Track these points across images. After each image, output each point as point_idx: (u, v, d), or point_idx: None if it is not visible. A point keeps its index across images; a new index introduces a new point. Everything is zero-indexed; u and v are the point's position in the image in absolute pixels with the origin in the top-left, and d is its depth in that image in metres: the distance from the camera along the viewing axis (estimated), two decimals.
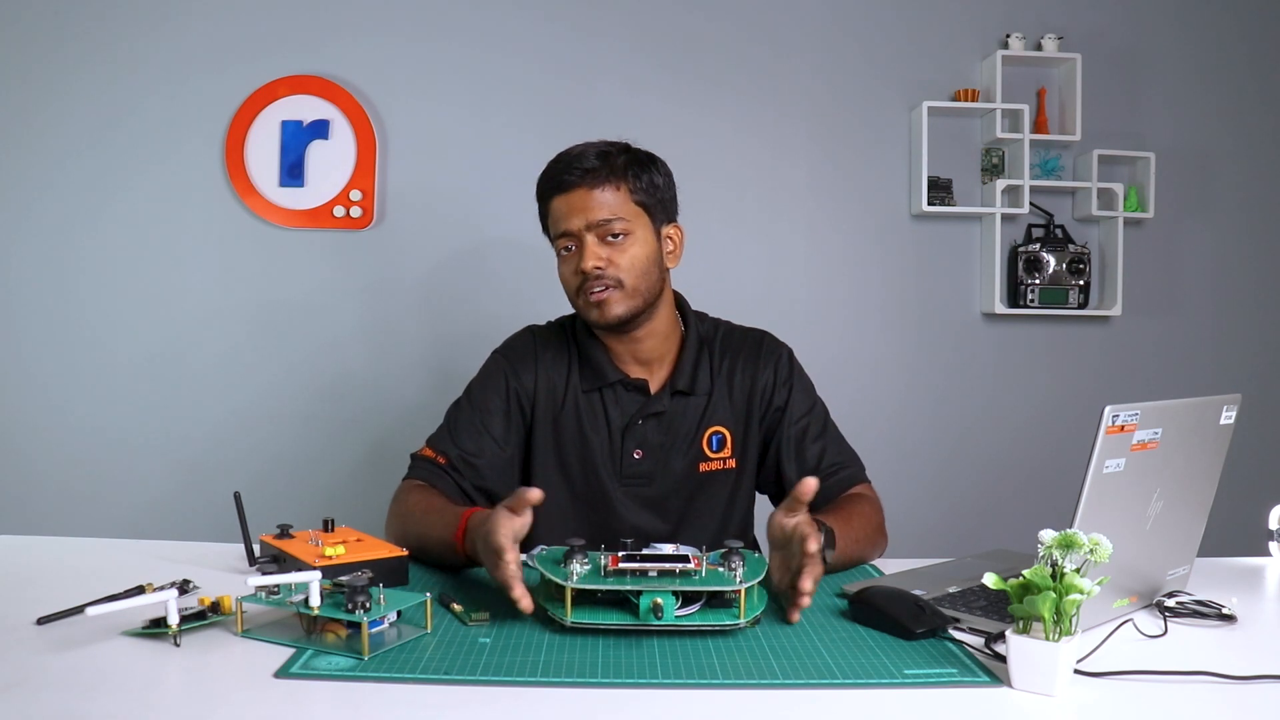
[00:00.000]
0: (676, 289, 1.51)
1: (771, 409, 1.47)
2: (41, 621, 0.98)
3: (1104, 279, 2.76)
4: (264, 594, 0.96)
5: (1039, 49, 2.70)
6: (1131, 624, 1.01)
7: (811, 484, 1.04)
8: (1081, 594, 0.82)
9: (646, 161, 1.41)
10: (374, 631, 0.94)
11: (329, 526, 1.23)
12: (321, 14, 2.61)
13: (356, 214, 2.59)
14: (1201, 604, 1.08)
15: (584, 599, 0.99)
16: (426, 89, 2.63)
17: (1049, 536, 0.86)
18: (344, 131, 2.59)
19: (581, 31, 2.66)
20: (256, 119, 2.58)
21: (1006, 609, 0.89)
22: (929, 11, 2.74)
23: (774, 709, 0.81)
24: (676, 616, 0.95)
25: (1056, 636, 0.82)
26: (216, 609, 0.99)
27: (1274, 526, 1.36)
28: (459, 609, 1.03)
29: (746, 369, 1.47)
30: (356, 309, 2.64)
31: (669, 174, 1.44)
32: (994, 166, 2.77)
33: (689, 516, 1.46)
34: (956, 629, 1.00)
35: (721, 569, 1.02)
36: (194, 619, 0.96)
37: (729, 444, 1.46)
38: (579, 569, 1.00)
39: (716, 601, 1.00)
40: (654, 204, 1.40)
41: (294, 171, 2.59)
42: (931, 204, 2.68)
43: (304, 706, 0.79)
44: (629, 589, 0.96)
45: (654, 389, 1.45)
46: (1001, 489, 2.77)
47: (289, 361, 2.62)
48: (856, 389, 2.68)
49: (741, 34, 2.70)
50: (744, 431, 1.47)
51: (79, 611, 0.99)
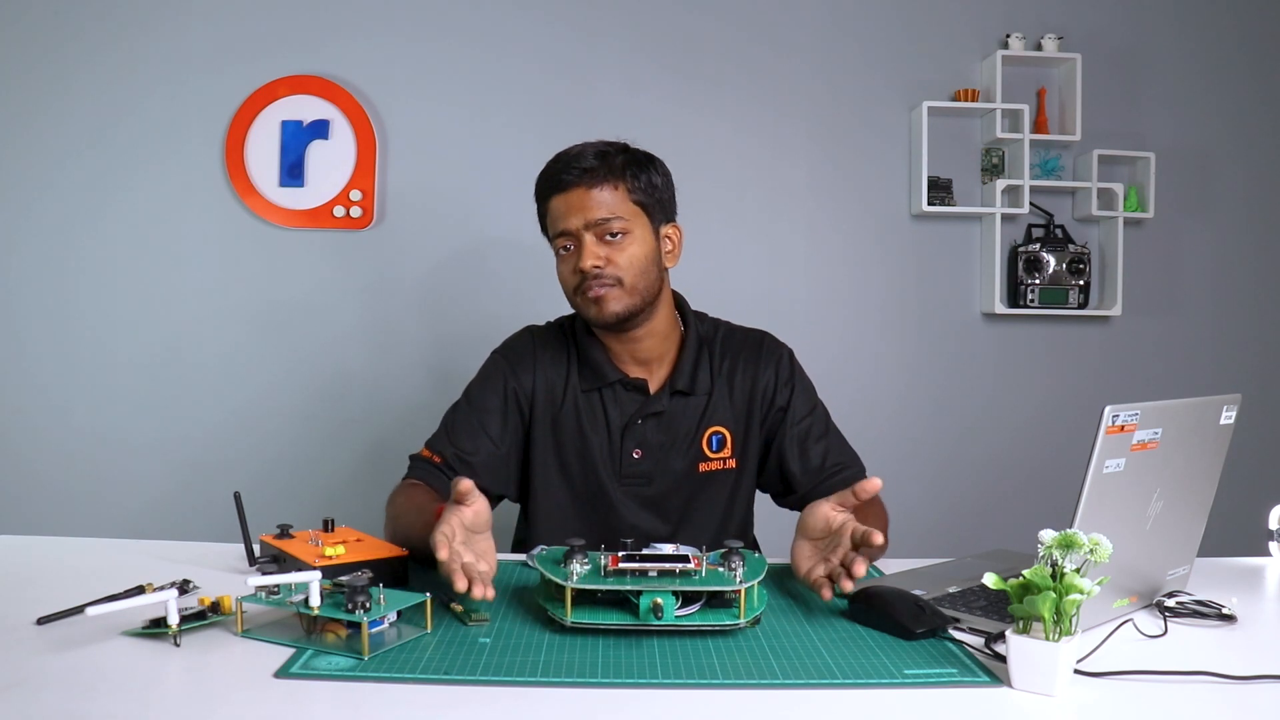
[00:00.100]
0: (676, 289, 1.51)
1: (773, 409, 1.47)
2: (41, 621, 0.98)
3: (1104, 279, 2.76)
4: (264, 594, 0.96)
5: (1039, 49, 2.70)
6: (1131, 624, 1.01)
7: (877, 484, 1.09)
8: (1081, 594, 0.82)
9: (645, 161, 1.41)
10: (374, 631, 0.94)
11: (329, 526, 1.23)
12: (321, 14, 2.61)
13: (356, 214, 2.59)
14: (1201, 604, 1.08)
15: (584, 599, 0.99)
16: (426, 89, 2.63)
17: (1049, 536, 0.86)
18: (344, 131, 2.59)
19: (581, 31, 2.66)
20: (256, 119, 2.58)
21: (1006, 609, 0.89)
22: (929, 11, 2.74)
23: (774, 709, 0.81)
24: (676, 616, 0.95)
25: (1056, 636, 0.82)
26: (216, 609, 0.99)
27: (1274, 526, 1.36)
28: (459, 609, 1.03)
29: (747, 369, 1.47)
30: (356, 309, 2.64)
31: (667, 174, 1.44)
32: (994, 166, 2.77)
33: (689, 516, 1.46)
34: (956, 629, 1.00)
35: (721, 569, 1.02)
36: (194, 619, 0.96)
37: (729, 444, 1.46)
38: (579, 569, 1.00)
39: (716, 601, 1.00)
40: (652, 203, 1.40)
41: (294, 171, 2.59)
42: (931, 204, 2.68)
43: (304, 706, 0.79)
44: (629, 589, 0.96)
45: (653, 389, 1.45)
46: (1001, 489, 2.77)
47: (289, 361, 2.62)
48: (856, 389, 2.68)
49: (741, 34, 2.70)
50: (744, 432, 1.47)
51: (79, 611, 0.99)
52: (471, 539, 1.06)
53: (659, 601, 0.94)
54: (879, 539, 1.03)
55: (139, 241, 2.59)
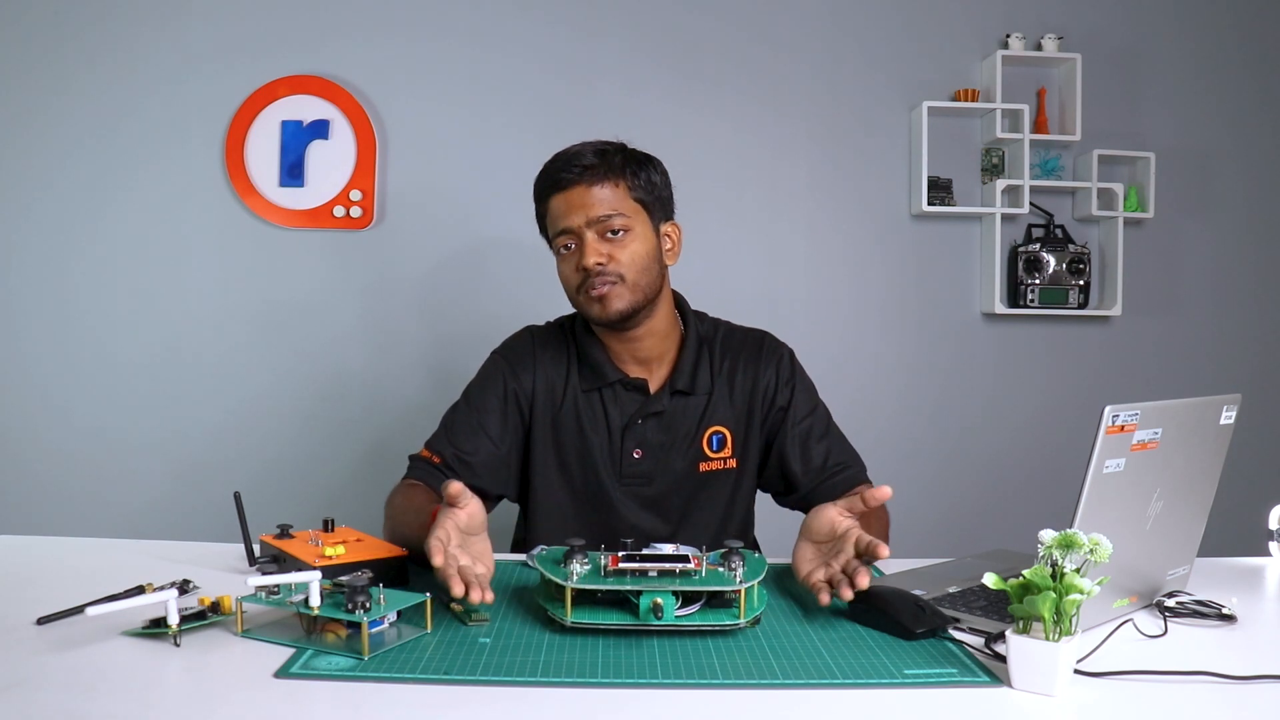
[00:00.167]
0: (676, 289, 1.51)
1: (774, 409, 1.47)
2: (41, 621, 0.98)
3: (1104, 279, 2.76)
4: (264, 594, 0.96)
5: (1039, 49, 2.70)
6: (1131, 624, 1.01)
7: (887, 491, 1.09)
8: (1081, 594, 0.82)
9: (643, 159, 1.41)
10: (374, 631, 0.94)
11: (329, 526, 1.23)
12: (321, 14, 2.61)
13: (356, 214, 2.59)
14: (1201, 604, 1.08)
15: (584, 599, 0.99)
16: (426, 89, 2.63)
17: (1049, 536, 0.86)
18: (344, 131, 2.59)
19: (581, 31, 2.66)
20: (256, 119, 2.58)
21: (1006, 609, 0.89)
22: (929, 11, 2.74)
23: (774, 709, 0.81)
24: (676, 616, 0.95)
25: (1056, 636, 0.82)
26: (216, 609, 0.99)
27: (1274, 526, 1.36)
28: (459, 609, 1.03)
29: (748, 369, 1.47)
30: (356, 309, 2.64)
31: (665, 172, 1.44)
32: (994, 166, 2.77)
33: (689, 516, 1.46)
34: (956, 629, 1.00)
35: (721, 569, 1.02)
36: (194, 619, 0.96)
37: (729, 444, 1.46)
38: (579, 569, 1.00)
39: (716, 601, 1.00)
40: (652, 201, 1.40)
41: (294, 171, 2.59)
42: (931, 204, 2.68)
43: (304, 706, 0.79)
44: (629, 589, 0.96)
45: (653, 388, 1.45)
46: (1001, 489, 2.77)
47: (289, 361, 2.62)
48: (856, 389, 2.68)
49: (741, 34, 2.70)
50: (745, 431, 1.47)
51: (79, 611, 0.99)
52: (467, 541, 1.06)
53: (659, 601, 0.94)
54: (885, 551, 1.02)
55: (139, 241, 2.59)
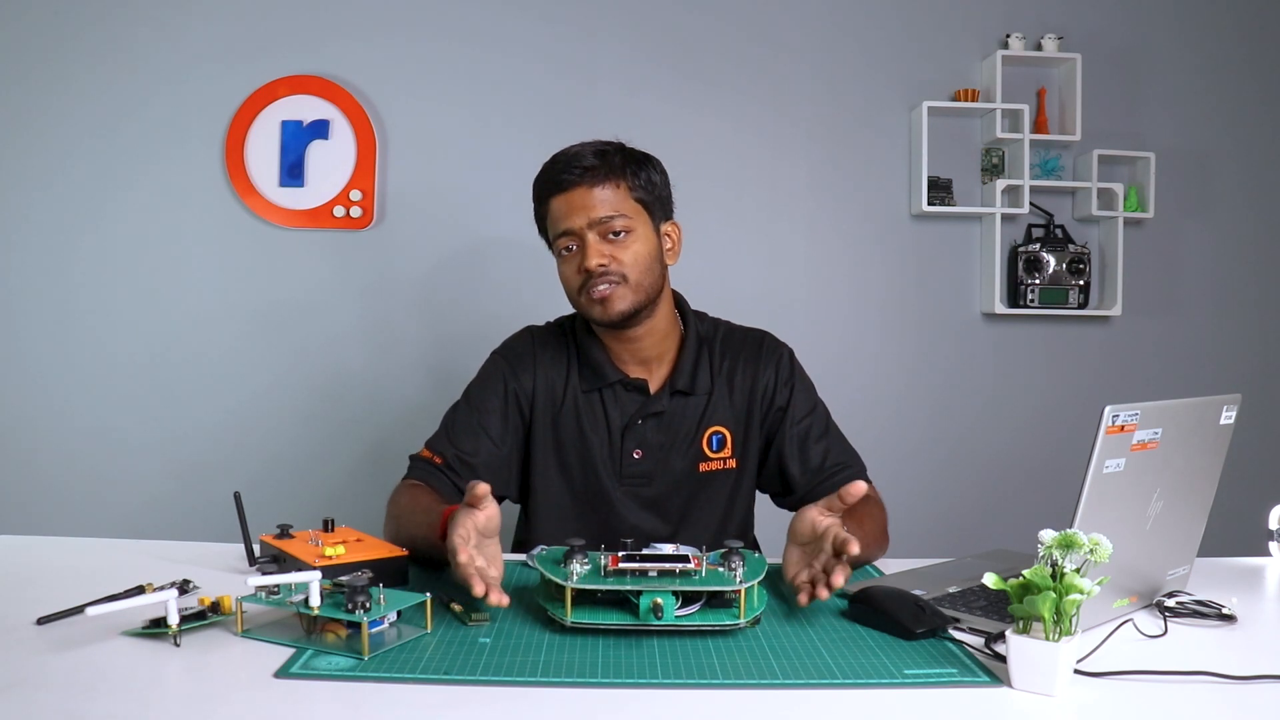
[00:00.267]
0: (675, 288, 1.51)
1: (773, 409, 1.47)
2: (41, 621, 0.98)
3: (1104, 279, 2.76)
4: (264, 594, 0.96)
5: (1039, 49, 2.70)
6: (1131, 624, 1.01)
7: (861, 488, 1.06)
8: (1081, 594, 0.82)
9: (643, 159, 1.41)
10: (374, 631, 0.94)
11: (329, 526, 1.23)
12: (321, 14, 2.61)
13: (356, 214, 2.59)
14: (1201, 604, 1.08)
15: (584, 599, 0.99)
16: (426, 89, 2.63)
17: (1049, 536, 0.86)
18: (344, 131, 2.59)
19: (581, 31, 2.66)
20: (256, 119, 2.58)
21: (1006, 609, 0.89)
22: (929, 11, 2.74)
23: (774, 709, 0.81)
24: (676, 616, 0.95)
25: (1056, 636, 0.82)
26: (216, 609, 0.99)
27: (1274, 526, 1.36)
28: (459, 609, 1.03)
29: (747, 369, 1.47)
30: (356, 309, 2.64)
31: (664, 172, 1.44)
32: (994, 166, 2.77)
33: (689, 516, 1.46)
34: (956, 629, 1.00)
35: (721, 569, 1.02)
36: (194, 619, 0.96)
37: (729, 444, 1.46)
38: (579, 569, 1.00)
39: (716, 601, 1.00)
40: (652, 201, 1.40)
41: (294, 171, 2.59)
42: (931, 204, 2.68)
43: (304, 706, 0.79)
44: (629, 589, 0.96)
45: (654, 389, 1.45)
46: (1001, 489, 2.77)
47: (289, 361, 2.62)
48: (856, 389, 2.68)
49: (741, 34, 2.70)
50: (744, 431, 1.47)
51: (79, 611, 0.99)
52: (482, 543, 1.06)
53: (659, 601, 0.94)
54: (855, 548, 1.01)
55: (139, 241, 2.59)
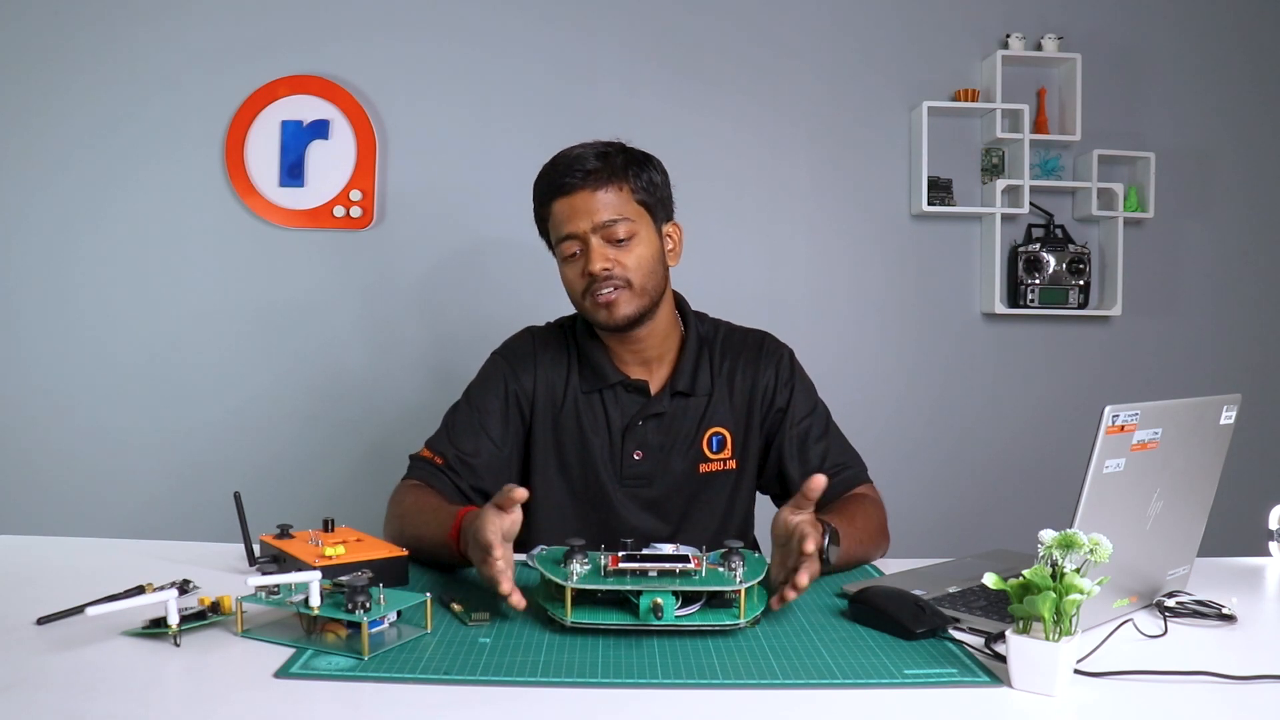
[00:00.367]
0: (676, 289, 1.51)
1: (773, 410, 1.47)
2: (41, 621, 0.98)
3: (1104, 279, 2.76)
4: (264, 594, 0.96)
5: (1039, 49, 2.70)
6: (1131, 624, 1.01)
7: (820, 481, 1.05)
8: (1081, 594, 0.82)
9: (644, 160, 1.41)
10: (374, 631, 0.94)
11: (329, 526, 1.23)
12: (321, 14, 2.61)
13: (356, 214, 2.59)
14: (1201, 604, 1.08)
15: (584, 599, 0.99)
16: (426, 89, 2.63)
17: (1049, 536, 0.86)
18: (344, 131, 2.59)
19: (581, 31, 2.66)
20: (256, 119, 2.58)
21: (1006, 609, 0.89)
22: (929, 11, 2.74)
23: (774, 709, 0.81)
24: (676, 616, 0.95)
25: (1056, 636, 0.82)
26: (216, 609, 0.99)
27: (1274, 526, 1.36)
28: (459, 609, 1.03)
29: (747, 370, 1.47)
30: (356, 309, 2.64)
31: (664, 172, 1.44)
32: (994, 166, 2.77)
33: (689, 517, 1.46)
34: (956, 629, 1.00)
35: (721, 569, 1.02)
36: (194, 619, 0.96)
37: (729, 445, 1.46)
38: (579, 569, 1.00)
39: (716, 601, 1.00)
40: (654, 202, 1.40)
41: (294, 171, 2.59)
42: (931, 204, 2.68)
43: (304, 706, 0.79)
44: (629, 589, 0.96)
45: (654, 390, 1.45)
46: (1001, 489, 2.77)
47: (289, 361, 2.62)
48: (856, 389, 2.68)
49: (741, 34, 2.70)
50: (744, 432, 1.47)
51: (79, 611, 0.99)
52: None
53: (659, 601, 0.94)
54: (810, 545, 1.00)
55: (139, 241, 2.59)
